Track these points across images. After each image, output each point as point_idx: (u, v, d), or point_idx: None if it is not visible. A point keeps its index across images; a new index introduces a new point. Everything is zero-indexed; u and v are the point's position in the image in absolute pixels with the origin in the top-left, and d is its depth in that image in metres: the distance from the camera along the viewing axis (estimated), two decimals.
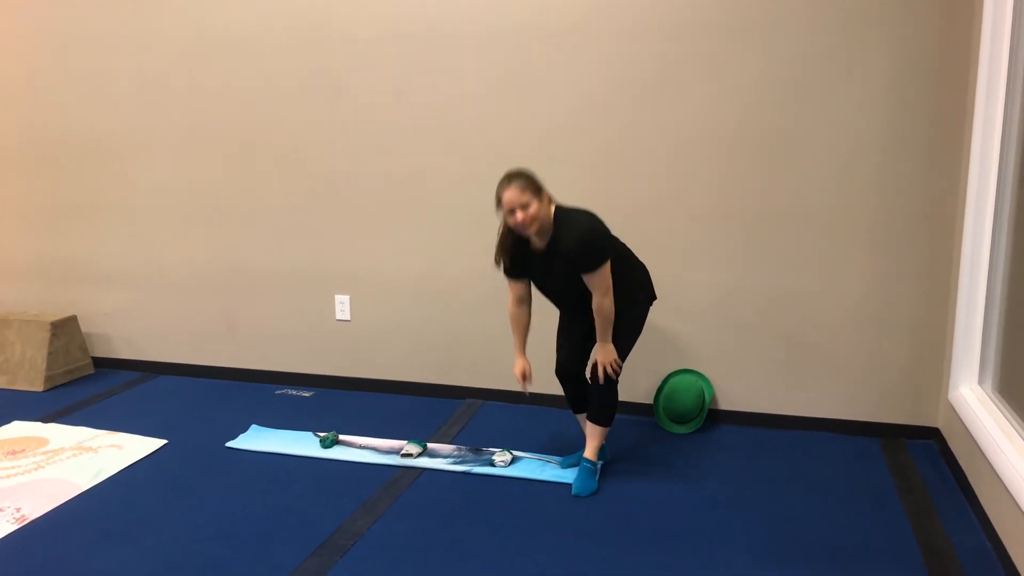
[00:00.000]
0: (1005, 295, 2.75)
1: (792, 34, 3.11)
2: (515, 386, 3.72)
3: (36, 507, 2.79)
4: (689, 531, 2.58)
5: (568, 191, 3.46)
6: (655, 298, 2.98)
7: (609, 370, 2.80)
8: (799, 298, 3.30)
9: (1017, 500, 2.22)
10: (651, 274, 3.39)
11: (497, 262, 2.86)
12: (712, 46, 3.20)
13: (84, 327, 4.37)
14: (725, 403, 3.47)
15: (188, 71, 3.90)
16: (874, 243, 3.19)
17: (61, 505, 2.81)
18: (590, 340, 2.90)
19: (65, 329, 4.17)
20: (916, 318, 3.20)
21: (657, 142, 3.33)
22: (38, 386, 4.05)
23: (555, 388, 3.66)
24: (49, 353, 4.07)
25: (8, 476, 3.03)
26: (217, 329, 4.14)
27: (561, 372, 3.01)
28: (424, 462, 3.09)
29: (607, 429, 2.92)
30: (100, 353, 4.40)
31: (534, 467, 3.04)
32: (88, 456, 3.20)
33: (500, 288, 3.63)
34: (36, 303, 4.45)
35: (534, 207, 2.63)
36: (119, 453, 3.22)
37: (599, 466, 2.97)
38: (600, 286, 2.69)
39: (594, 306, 2.73)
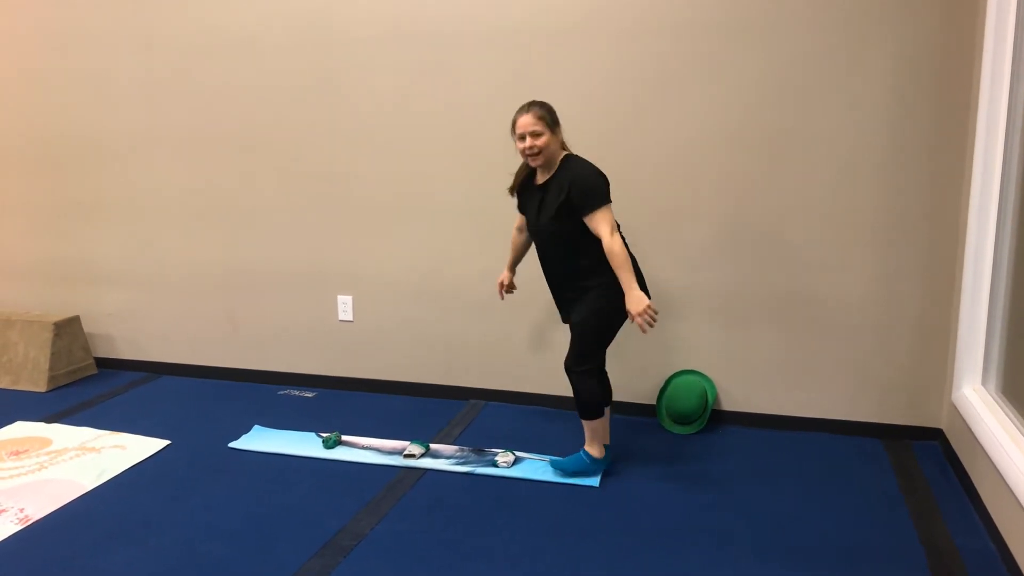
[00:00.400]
0: (1008, 295, 2.75)
1: (793, 34, 3.11)
2: (517, 386, 3.72)
3: (40, 507, 2.79)
4: (692, 532, 2.58)
5: None
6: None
7: (641, 321, 2.62)
8: (801, 298, 3.30)
9: (1020, 501, 2.22)
10: (653, 274, 3.40)
11: (511, 192, 2.97)
12: (713, 46, 3.20)
13: (87, 327, 4.37)
14: (728, 404, 3.47)
15: (190, 71, 3.90)
16: (876, 243, 3.18)
17: (65, 505, 2.81)
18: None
19: (68, 329, 4.17)
20: (919, 318, 3.20)
21: (658, 142, 3.33)
22: (41, 386, 4.06)
23: (556, 388, 3.66)
24: (52, 353, 4.07)
25: (12, 476, 3.04)
26: (220, 329, 4.15)
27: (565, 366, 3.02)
28: (427, 463, 3.09)
29: (593, 422, 2.89)
30: (103, 353, 4.40)
31: (537, 468, 3.04)
32: (91, 456, 3.20)
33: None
34: (39, 303, 4.46)
35: (544, 138, 2.72)
36: (122, 453, 3.23)
37: (591, 462, 2.93)
38: (604, 227, 2.66)
39: (605, 251, 2.69)
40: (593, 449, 2.93)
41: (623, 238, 2.86)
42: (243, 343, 4.12)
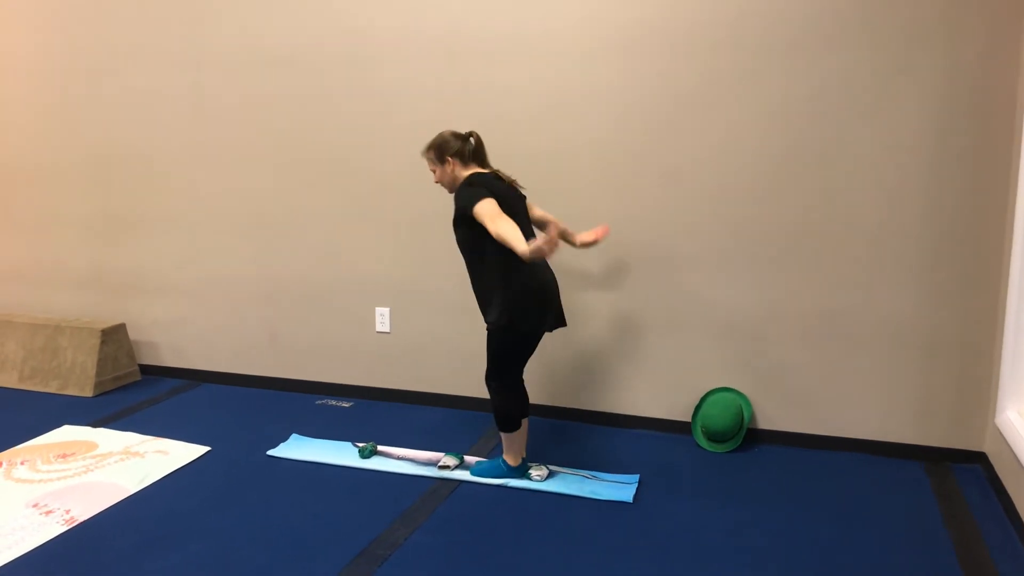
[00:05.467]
0: None
1: (839, 52, 3.10)
2: (552, 400, 3.73)
3: (85, 509, 2.87)
4: (726, 552, 2.56)
5: (609, 206, 3.48)
6: (534, 329, 2.87)
7: (545, 248, 2.51)
8: (841, 317, 3.26)
9: None
10: (691, 290, 3.39)
11: None
12: (754, 64, 3.20)
13: (132, 335, 4.49)
14: (764, 422, 3.44)
15: (237, 87, 4.01)
16: (918, 261, 3.14)
17: (109, 508, 2.88)
18: None
19: (114, 336, 4.29)
20: (961, 338, 3.14)
21: (700, 159, 3.33)
22: (88, 391, 4.17)
23: (591, 403, 3.66)
24: (99, 359, 4.18)
25: (59, 478, 3.13)
26: (260, 339, 4.23)
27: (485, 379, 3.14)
28: (461, 474, 3.11)
29: (504, 434, 3.01)
30: (147, 360, 4.51)
31: (571, 482, 3.04)
32: (135, 461, 3.28)
33: None
34: (88, 311, 4.58)
35: (436, 173, 2.99)
36: (164, 459, 3.30)
37: (508, 470, 3.05)
38: (484, 220, 2.71)
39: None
40: (510, 458, 3.06)
41: (519, 266, 2.81)
42: (282, 353, 4.19)
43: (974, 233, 3.07)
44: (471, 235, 2.84)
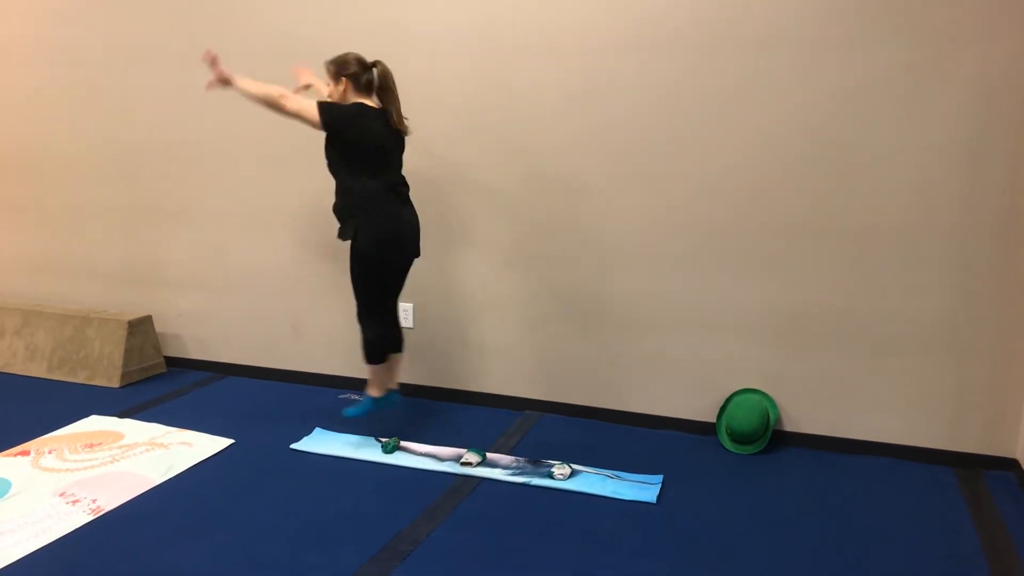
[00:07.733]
0: None
1: (874, 50, 3.04)
2: (573, 399, 3.71)
3: (111, 499, 2.89)
4: (751, 554, 2.53)
5: (633, 203, 3.46)
6: (396, 259, 3.12)
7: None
8: (870, 318, 3.21)
9: None
10: (719, 291, 3.36)
11: None
12: (792, 59, 3.15)
13: (158, 327, 4.52)
14: (791, 424, 3.40)
15: (264, 80, 4.01)
16: (952, 262, 3.08)
17: (134, 498, 2.91)
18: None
19: (141, 328, 4.33)
20: (995, 342, 3.08)
21: (728, 156, 3.29)
22: (115, 382, 4.21)
23: (613, 402, 3.64)
24: (125, 351, 4.22)
25: (86, 468, 3.16)
26: (284, 332, 4.24)
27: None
28: (483, 472, 3.10)
29: (370, 366, 3.24)
30: (172, 353, 4.54)
31: (593, 481, 3.02)
32: (160, 452, 3.31)
33: (562, 301, 3.63)
34: (115, 303, 4.63)
35: (328, 89, 3.08)
36: (189, 450, 3.32)
37: (372, 402, 3.32)
38: (299, 101, 2.89)
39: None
40: (374, 390, 3.30)
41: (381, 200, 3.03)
42: (305, 347, 4.21)
43: (1008, 234, 3.00)
44: (336, 155, 2.95)
